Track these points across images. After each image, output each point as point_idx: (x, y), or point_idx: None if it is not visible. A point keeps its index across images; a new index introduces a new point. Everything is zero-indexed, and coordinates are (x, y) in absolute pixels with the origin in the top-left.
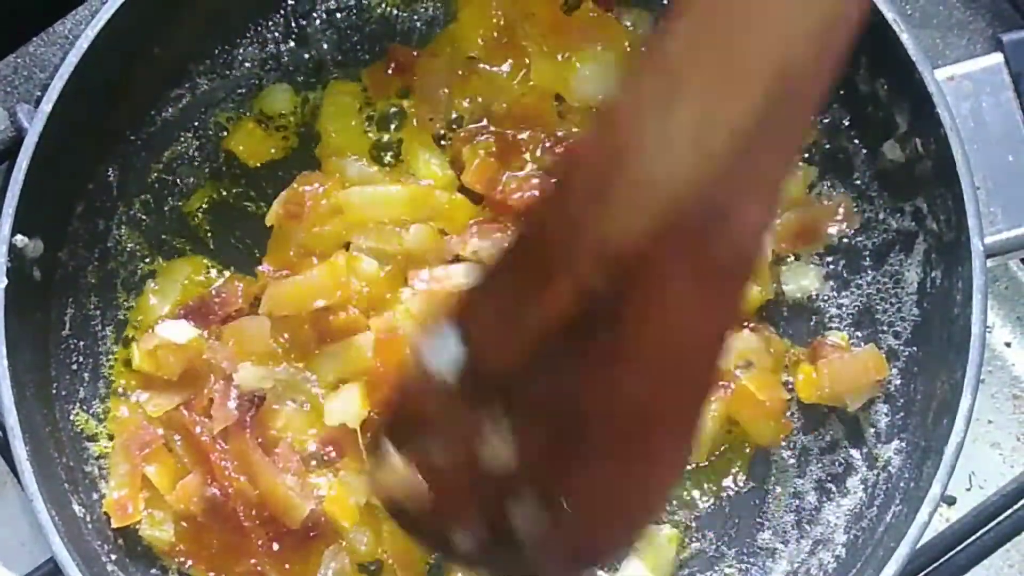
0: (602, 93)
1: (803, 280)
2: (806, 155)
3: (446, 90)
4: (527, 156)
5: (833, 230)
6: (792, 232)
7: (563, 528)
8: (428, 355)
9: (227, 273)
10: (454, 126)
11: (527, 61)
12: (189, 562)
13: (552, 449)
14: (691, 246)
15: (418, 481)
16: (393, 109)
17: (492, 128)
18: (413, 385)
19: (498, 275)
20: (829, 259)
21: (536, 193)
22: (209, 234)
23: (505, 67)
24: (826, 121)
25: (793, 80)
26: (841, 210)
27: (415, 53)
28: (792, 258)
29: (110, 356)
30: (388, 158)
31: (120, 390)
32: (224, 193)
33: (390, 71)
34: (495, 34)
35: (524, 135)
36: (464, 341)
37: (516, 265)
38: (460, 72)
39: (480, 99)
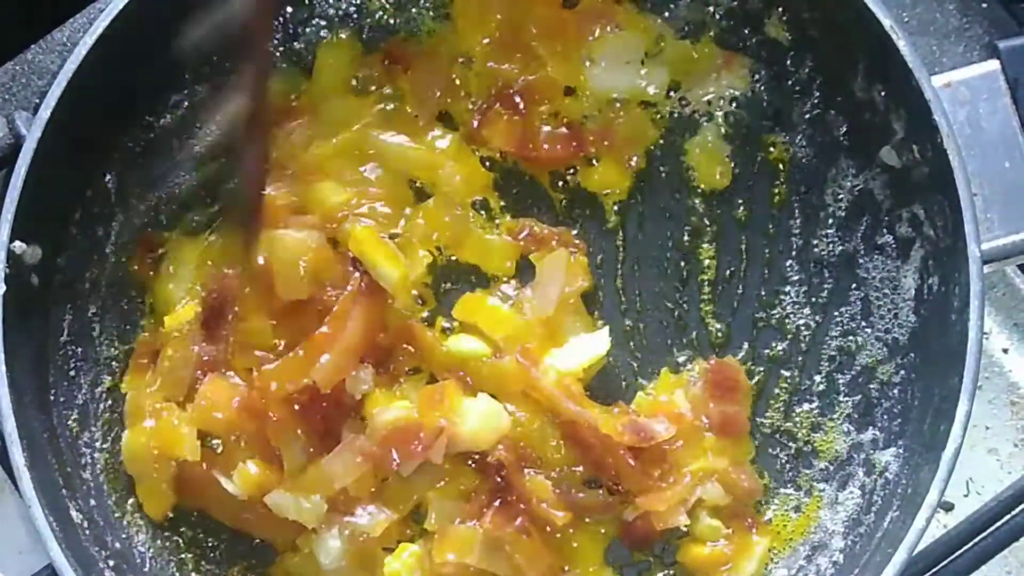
0: (616, 84)
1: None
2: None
3: (437, 92)
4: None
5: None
6: None
7: None
8: None
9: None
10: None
11: (534, 56)
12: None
13: None
14: None
15: None
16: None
17: (503, 106)
18: None
19: None
20: (829, 266)
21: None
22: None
23: (512, 64)
24: (823, 127)
25: None
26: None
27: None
28: None
29: (109, 362)
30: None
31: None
32: None
33: (385, 64)
34: (497, 34)
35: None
36: None
37: None
38: (455, 74)
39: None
